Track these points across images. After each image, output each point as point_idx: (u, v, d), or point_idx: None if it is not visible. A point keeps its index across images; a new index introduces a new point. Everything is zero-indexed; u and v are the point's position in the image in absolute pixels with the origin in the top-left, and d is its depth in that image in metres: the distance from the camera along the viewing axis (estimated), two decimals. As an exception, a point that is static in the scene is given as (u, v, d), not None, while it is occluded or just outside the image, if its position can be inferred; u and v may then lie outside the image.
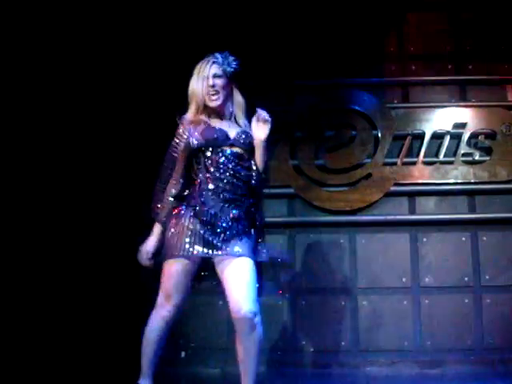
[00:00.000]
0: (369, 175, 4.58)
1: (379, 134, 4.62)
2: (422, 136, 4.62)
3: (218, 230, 2.71)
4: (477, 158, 4.58)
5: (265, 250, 2.88)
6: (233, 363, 4.23)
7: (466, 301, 4.43)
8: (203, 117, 2.88)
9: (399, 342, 4.38)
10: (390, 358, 4.34)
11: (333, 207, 4.55)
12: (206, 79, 2.83)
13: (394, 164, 4.60)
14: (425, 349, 4.37)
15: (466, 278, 4.46)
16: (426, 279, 4.47)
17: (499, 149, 4.58)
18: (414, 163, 4.60)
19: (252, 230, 2.83)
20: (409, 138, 4.62)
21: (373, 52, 4.86)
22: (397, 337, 4.39)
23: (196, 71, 2.88)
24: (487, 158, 4.59)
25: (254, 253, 2.79)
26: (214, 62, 2.88)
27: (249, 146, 2.88)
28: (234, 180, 2.79)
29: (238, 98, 2.99)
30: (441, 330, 4.39)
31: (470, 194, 4.60)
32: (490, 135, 4.62)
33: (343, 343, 4.41)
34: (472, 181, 4.56)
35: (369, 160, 4.60)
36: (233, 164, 2.81)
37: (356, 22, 4.86)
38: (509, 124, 4.61)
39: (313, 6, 4.86)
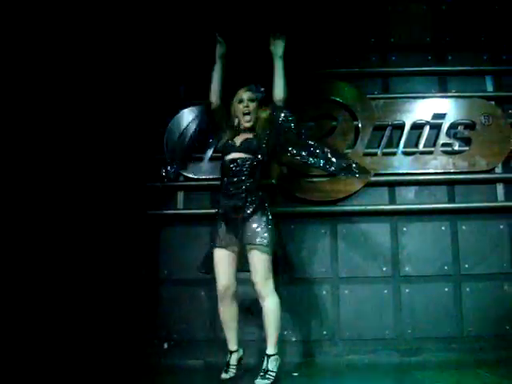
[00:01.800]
0: (349, 165, 4.60)
1: (359, 125, 4.65)
2: (401, 126, 4.65)
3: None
4: (456, 148, 4.62)
5: None
6: (215, 354, 4.31)
7: (446, 289, 4.48)
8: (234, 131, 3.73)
9: (380, 330, 4.43)
10: (371, 347, 4.38)
11: (314, 197, 4.57)
12: (242, 101, 3.72)
13: (375, 154, 4.62)
14: (405, 337, 4.42)
15: (446, 267, 4.51)
16: (407, 268, 4.52)
17: (478, 139, 4.63)
18: (394, 153, 4.63)
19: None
20: (389, 128, 4.65)
21: (353, 43, 4.89)
22: (378, 325, 4.43)
23: (236, 96, 3.75)
24: (466, 148, 4.63)
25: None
26: (249, 90, 3.76)
27: (249, 150, 3.60)
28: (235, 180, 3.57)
29: (263, 114, 3.74)
30: (421, 319, 4.44)
31: (450, 183, 4.64)
32: (470, 126, 4.67)
33: (325, 332, 4.44)
34: (451, 171, 4.61)
35: (349, 150, 4.62)
36: (233, 166, 3.58)
37: (336, 13, 4.89)
38: (488, 115, 4.65)
39: (293, -3, 4.88)
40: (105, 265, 4.55)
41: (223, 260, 3.60)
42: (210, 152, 4.61)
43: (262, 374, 3.44)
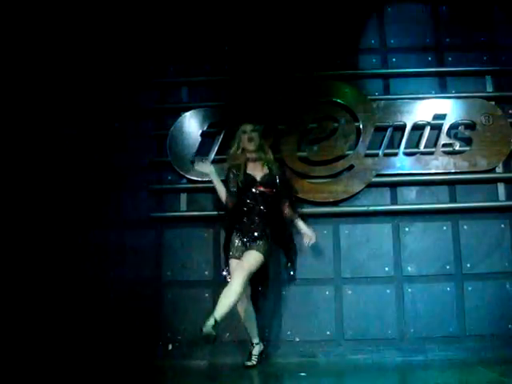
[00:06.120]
0: (351, 166, 4.63)
1: (361, 126, 4.67)
2: (402, 127, 4.67)
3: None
4: (457, 148, 4.64)
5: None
6: (219, 355, 4.33)
7: (448, 289, 4.51)
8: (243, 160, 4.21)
9: (383, 330, 4.45)
10: (374, 346, 4.40)
11: (316, 198, 4.59)
12: (245, 132, 4.19)
13: (376, 155, 4.65)
14: (408, 336, 4.44)
15: (448, 267, 4.53)
16: (409, 268, 4.54)
17: (479, 139, 4.65)
18: (395, 154, 4.65)
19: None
20: (390, 129, 4.67)
21: (354, 45, 4.93)
22: (380, 325, 4.45)
23: (240, 129, 4.22)
24: (467, 148, 4.65)
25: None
26: (250, 123, 4.21)
27: (272, 186, 4.14)
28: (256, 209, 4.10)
29: (268, 149, 4.29)
30: (424, 318, 4.47)
31: (451, 183, 4.67)
32: (470, 126, 4.69)
33: (328, 332, 4.46)
34: (452, 171, 4.63)
35: (351, 152, 4.65)
36: (255, 199, 4.11)
37: (337, 15, 4.92)
38: (488, 115, 4.67)
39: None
40: (109, 266, 4.59)
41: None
42: (212, 155, 4.64)
43: None
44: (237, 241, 4.10)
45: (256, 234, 4.04)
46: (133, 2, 4.89)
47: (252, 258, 3.96)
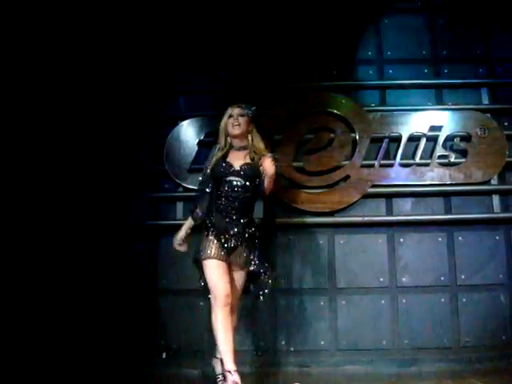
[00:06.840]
0: (347, 177, 4.65)
1: (357, 137, 4.69)
2: (398, 138, 4.69)
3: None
4: (452, 160, 4.66)
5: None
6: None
7: (443, 300, 4.51)
8: (224, 149, 3.67)
9: (377, 340, 4.45)
10: (368, 357, 4.40)
11: (311, 209, 4.60)
12: (231, 116, 3.64)
13: (372, 166, 4.66)
14: (402, 347, 4.44)
15: (443, 278, 4.54)
16: (403, 279, 4.55)
17: (474, 151, 4.67)
18: (391, 165, 4.67)
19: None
20: (386, 140, 4.70)
21: (351, 56, 4.95)
22: (375, 336, 4.46)
23: (226, 112, 3.68)
24: (462, 160, 4.67)
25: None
26: (238, 106, 3.67)
27: (251, 177, 3.55)
28: (235, 204, 3.54)
29: (257, 137, 3.71)
30: (418, 329, 4.47)
31: (446, 195, 4.68)
32: (466, 138, 4.71)
33: (322, 343, 4.46)
34: (448, 182, 4.65)
35: (347, 162, 4.67)
36: (235, 191, 3.54)
37: (334, 26, 4.95)
38: (484, 127, 4.70)
39: (291, 10, 4.94)
40: (103, 275, 4.58)
41: (221, 270, 3.50)
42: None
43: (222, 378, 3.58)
44: (215, 241, 3.52)
45: (232, 232, 3.53)
46: (132, 11, 4.90)
47: (242, 284, 3.67)
